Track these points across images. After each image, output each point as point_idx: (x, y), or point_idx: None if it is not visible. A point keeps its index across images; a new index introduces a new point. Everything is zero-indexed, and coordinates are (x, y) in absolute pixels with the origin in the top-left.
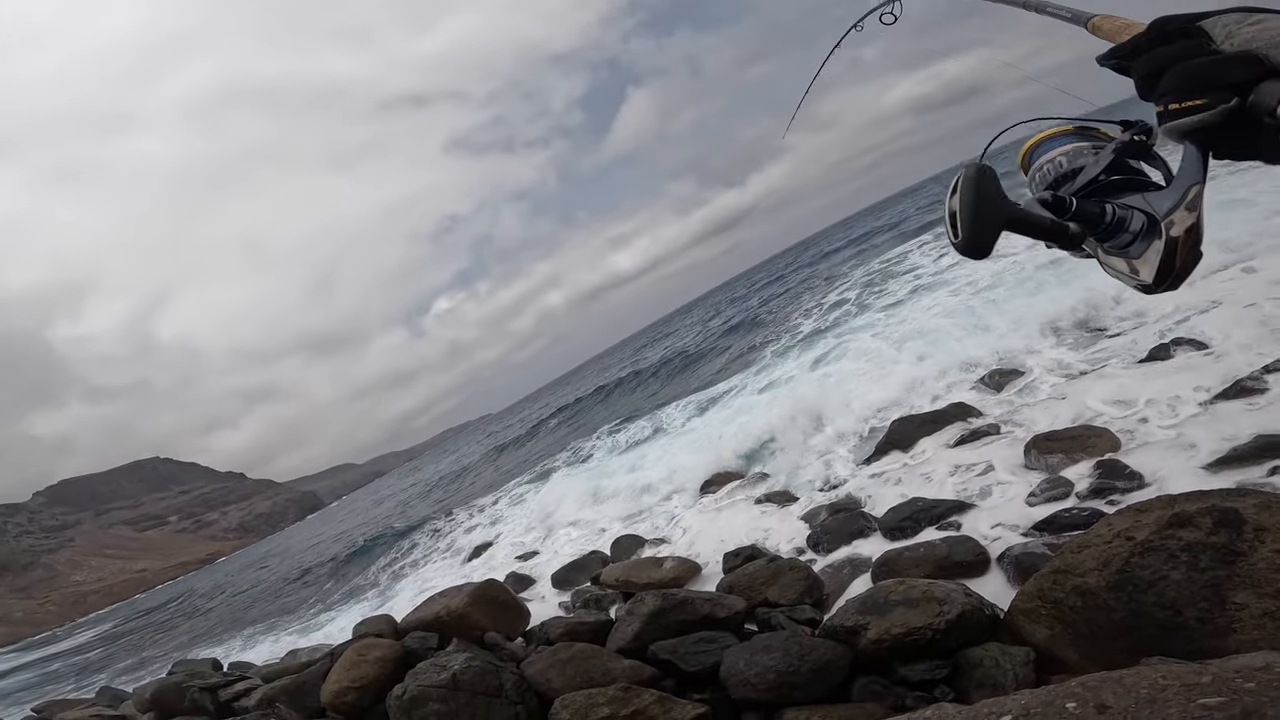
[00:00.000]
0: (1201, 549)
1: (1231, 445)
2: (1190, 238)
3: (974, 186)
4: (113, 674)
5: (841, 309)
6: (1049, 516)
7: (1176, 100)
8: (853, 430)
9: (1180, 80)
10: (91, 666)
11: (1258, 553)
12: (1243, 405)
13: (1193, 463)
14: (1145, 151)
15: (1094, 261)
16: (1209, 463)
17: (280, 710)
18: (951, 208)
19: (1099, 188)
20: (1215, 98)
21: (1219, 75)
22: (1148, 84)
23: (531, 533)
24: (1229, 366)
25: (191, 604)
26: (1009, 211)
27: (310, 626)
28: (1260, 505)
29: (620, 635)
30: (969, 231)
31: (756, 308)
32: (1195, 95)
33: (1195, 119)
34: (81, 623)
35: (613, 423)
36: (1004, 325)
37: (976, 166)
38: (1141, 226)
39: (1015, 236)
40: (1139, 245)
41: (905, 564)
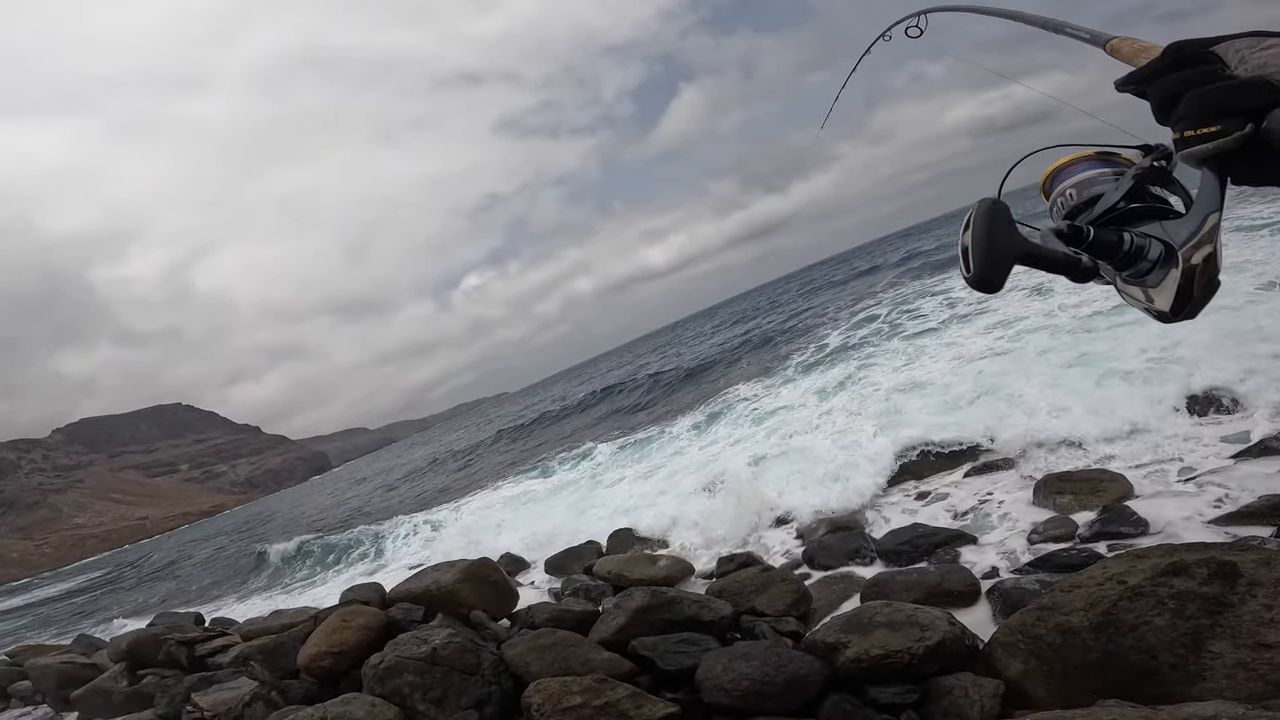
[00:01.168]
0: (1191, 598)
1: (1245, 503)
2: (1208, 266)
3: (986, 222)
4: (97, 621)
5: (871, 328)
6: (1047, 554)
7: (1192, 126)
8: (865, 454)
9: (1195, 106)
10: (80, 612)
11: (1246, 605)
12: (1264, 465)
13: (1202, 516)
14: (1165, 177)
15: (1136, 315)
16: (1219, 517)
17: (254, 668)
18: (964, 243)
19: (1117, 215)
20: (1230, 124)
21: (1232, 101)
22: (1164, 109)
23: (532, 516)
24: (1254, 426)
25: (180, 559)
26: (1021, 246)
27: (300, 588)
28: (1260, 561)
29: (604, 627)
30: (980, 267)
31: (781, 321)
32: (1210, 121)
33: (1211, 145)
34: (72, 568)
35: (623, 424)
36: (1035, 365)
37: (989, 201)
38: (1159, 255)
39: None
40: (1156, 274)
41: (896, 587)
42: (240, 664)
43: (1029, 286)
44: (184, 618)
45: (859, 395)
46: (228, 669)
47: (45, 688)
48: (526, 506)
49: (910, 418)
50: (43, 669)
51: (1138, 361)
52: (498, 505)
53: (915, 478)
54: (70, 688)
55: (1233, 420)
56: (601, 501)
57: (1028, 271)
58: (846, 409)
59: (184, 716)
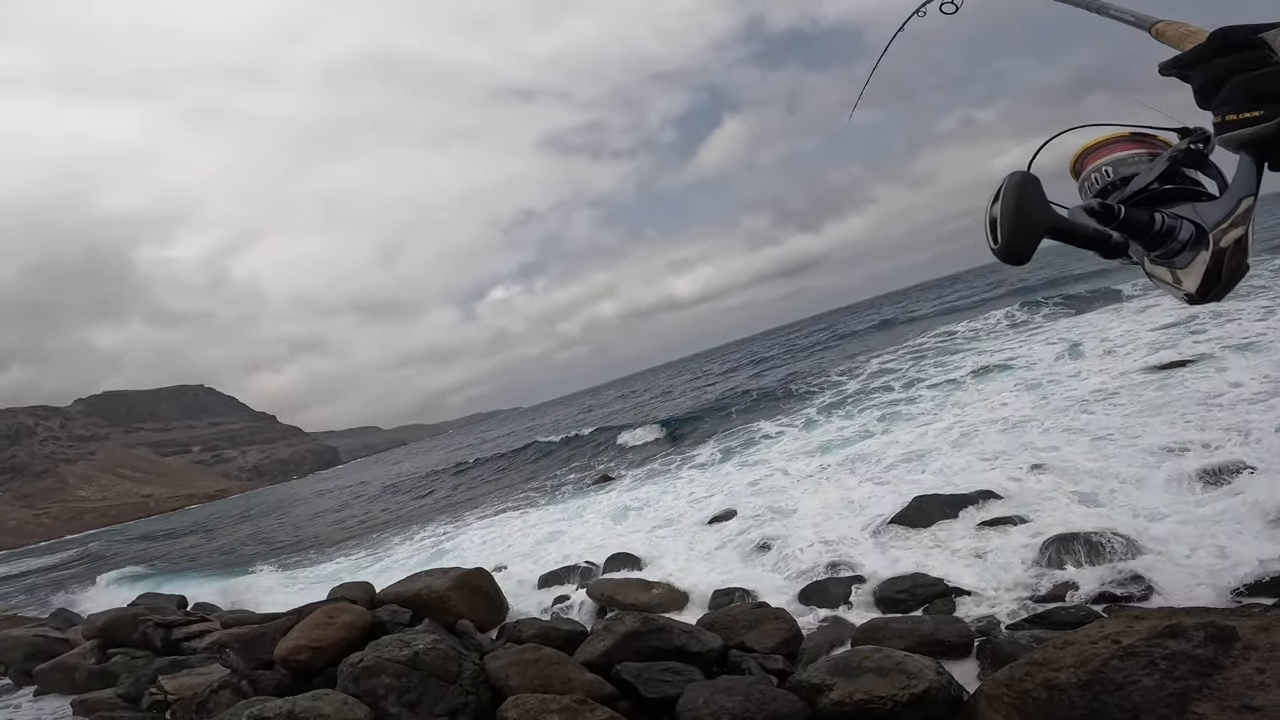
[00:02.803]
0: (1183, 659)
1: (1254, 573)
2: (1238, 250)
3: (1016, 193)
4: (77, 596)
5: (890, 376)
6: (1046, 611)
7: (1234, 111)
8: (874, 497)
9: (1239, 91)
10: (68, 581)
11: (1238, 668)
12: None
13: (1209, 583)
14: (1201, 160)
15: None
16: (1226, 585)
17: (229, 656)
18: (993, 214)
19: (1150, 196)
20: (1272, 110)
21: (1277, 88)
22: (1206, 93)
23: (537, 530)
24: (1270, 497)
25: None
26: (1050, 219)
27: (296, 579)
28: (1260, 626)
29: (590, 648)
30: (1009, 237)
31: (798, 364)
32: (1253, 107)
33: (1252, 130)
34: (67, 540)
35: (638, 450)
36: (1055, 426)
37: (1020, 174)
38: (1190, 236)
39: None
40: (1185, 255)
41: (888, 634)
42: (215, 651)
43: (1061, 343)
44: (167, 599)
45: (870, 442)
46: (201, 655)
47: (11, 659)
48: (530, 526)
49: (922, 467)
50: (13, 640)
51: (1158, 427)
52: (497, 522)
53: (920, 526)
54: (37, 660)
55: (1248, 490)
56: (600, 526)
57: (1069, 327)
58: (857, 455)
59: (145, 698)
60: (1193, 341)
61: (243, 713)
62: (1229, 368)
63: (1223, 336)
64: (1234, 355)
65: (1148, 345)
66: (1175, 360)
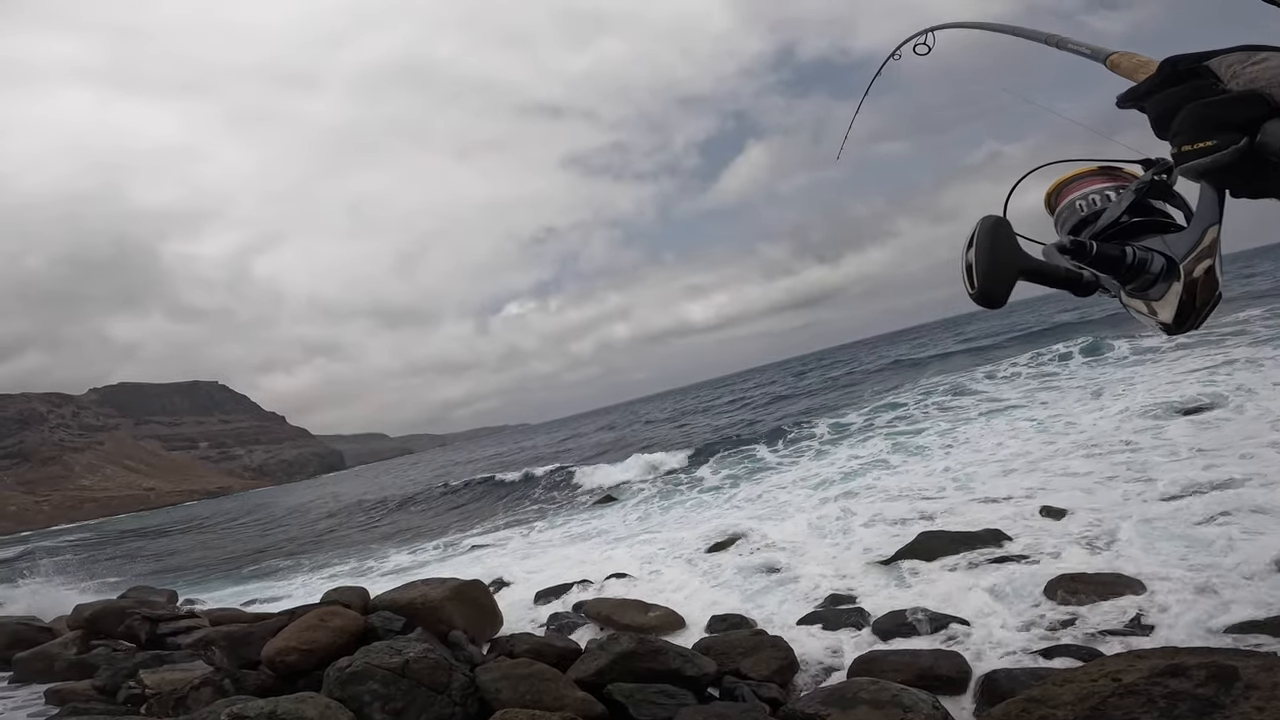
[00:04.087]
0: (1183, 698)
1: (1259, 614)
2: (1209, 279)
3: (990, 238)
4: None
5: (900, 413)
6: (1047, 648)
7: (1189, 141)
8: (878, 530)
9: (1190, 121)
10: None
11: (1238, 707)
12: None
13: (1212, 623)
14: (1167, 191)
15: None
16: (1232, 625)
17: (214, 654)
18: (968, 260)
19: (1120, 229)
20: (1225, 138)
21: (1226, 115)
22: (1161, 124)
23: (536, 548)
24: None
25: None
26: (1023, 262)
27: (286, 582)
28: (1263, 666)
29: (583, 666)
30: (984, 282)
31: (816, 391)
32: (1205, 136)
33: (1208, 160)
34: (61, 529)
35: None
36: (1067, 467)
37: (993, 218)
38: (1161, 268)
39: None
40: (1159, 287)
41: (886, 666)
42: (201, 648)
43: (1074, 385)
44: (158, 593)
45: (877, 476)
46: (186, 651)
47: None
48: (530, 543)
49: (929, 503)
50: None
51: (1169, 469)
52: (497, 538)
53: (926, 560)
54: (18, 648)
55: (1254, 533)
56: (600, 546)
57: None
58: (863, 488)
59: (122, 691)
60: (1211, 386)
61: (221, 711)
62: (1245, 413)
63: (1243, 382)
64: (1250, 400)
65: (1165, 388)
66: (1193, 405)
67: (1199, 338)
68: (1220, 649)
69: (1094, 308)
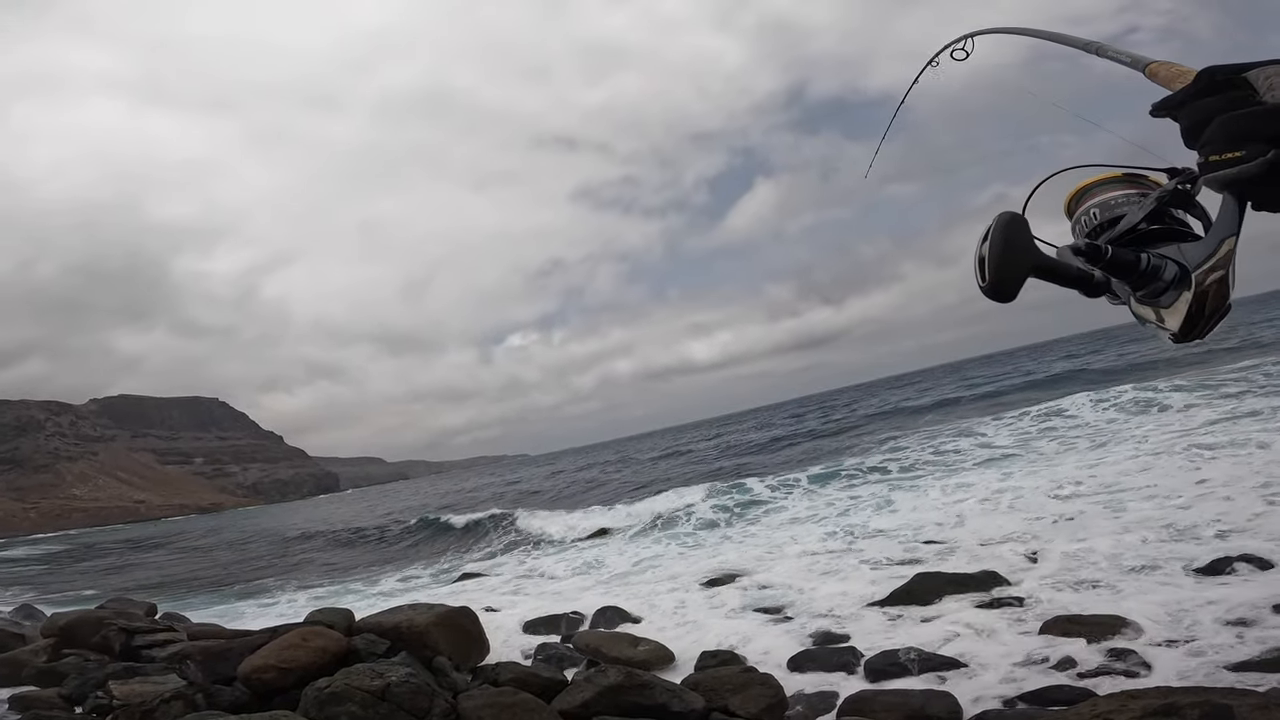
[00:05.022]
0: None
1: (1253, 653)
2: (1220, 290)
3: (1004, 234)
4: (41, 594)
5: (898, 455)
6: (1041, 689)
7: (1217, 151)
8: (873, 571)
9: (1222, 131)
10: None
11: None
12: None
13: (1208, 663)
14: (1188, 201)
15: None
16: (1227, 664)
17: (189, 668)
18: (981, 253)
19: (1137, 236)
20: (1253, 150)
21: (1257, 128)
22: (1193, 133)
23: (526, 576)
24: (1274, 581)
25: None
26: (1036, 259)
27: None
28: (1257, 705)
29: (569, 698)
30: (995, 276)
31: (818, 432)
32: (1235, 147)
33: (1234, 171)
34: (39, 538)
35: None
36: (1065, 510)
37: (1009, 214)
38: (1174, 276)
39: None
40: (1169, 295)
41: (877, 707)
42: (176, 662)
43: (1074, 431)
44: (136, 605)
45: (873, 516)
46: (160, 664)
47: None
48: (522, 574)
49: (924, 545)
50: None
51: (1167, 512)
52: (487, 567)
53: (920, 601)
54: None
55: (1250, 576)
56: (592, 578)
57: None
58: (859, 528)
59: (90, 701)
60: (1211, 436)
61: None
62: (1252, 461)
63: (1247, 431)
64: (1259, 450)
65: (1168, 437)
66: (1192, 452)
67: (1210, 393)
68: (1214, 688)
69: (1095, 355)
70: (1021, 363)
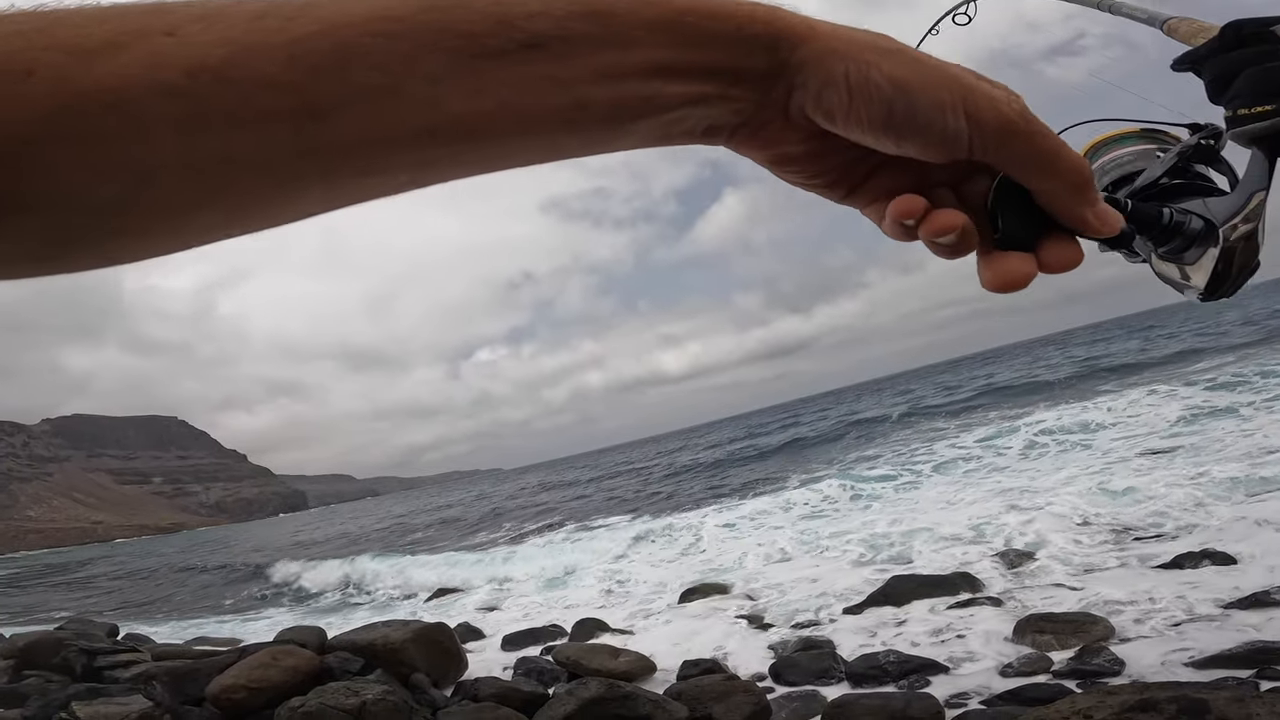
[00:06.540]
0: None
1: (1227, 647)
2: (1249, 246)
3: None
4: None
5: (870, 459)
6: (1018, 688)
7: (1246, 105)
8: (850, 575)
9: (1250, 85)
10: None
11: None
12: (1255, 615)
13: (1182, 658)
14: (1212, 156)
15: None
16: (1199, 660)
17: (155, 690)
18: (990, 206)
19: (1158, 191)
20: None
21: None
22: (1218, 88)
23: (499, 588)
24: (1250, 580)
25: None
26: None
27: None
28: (1232, 699)
29: (551, 712)
30: (1009, 226)
31: (791, 438)
32: (1265, 101)
33: (1265, 125)
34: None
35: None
36: (1037, 509)
37: None
38: (1198, 232)
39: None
40: (1194, 251)
41: (858, 710)
42: (141, 682)
43: (1043, 433)
44: (97, 626)
45: (847, 519)
46: (124, 685)
47: None
48: (499, 584)
49: (900, 547)
50: None
51: (1137, 511)
52: (460, 578)
53: (896, 605)
54: None
55: (1225, 573)
56: (570, 590)
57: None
58: (836, 532)
59: None
60: (1177, 437)
61: None
62: (1228, 452)
63: (1218, 430)
64: (1236, 438)
65: (1139, 438)
66: (1161, 448)
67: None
68: (1190, 683)
69: (1071, 366)
70: (984, 367)
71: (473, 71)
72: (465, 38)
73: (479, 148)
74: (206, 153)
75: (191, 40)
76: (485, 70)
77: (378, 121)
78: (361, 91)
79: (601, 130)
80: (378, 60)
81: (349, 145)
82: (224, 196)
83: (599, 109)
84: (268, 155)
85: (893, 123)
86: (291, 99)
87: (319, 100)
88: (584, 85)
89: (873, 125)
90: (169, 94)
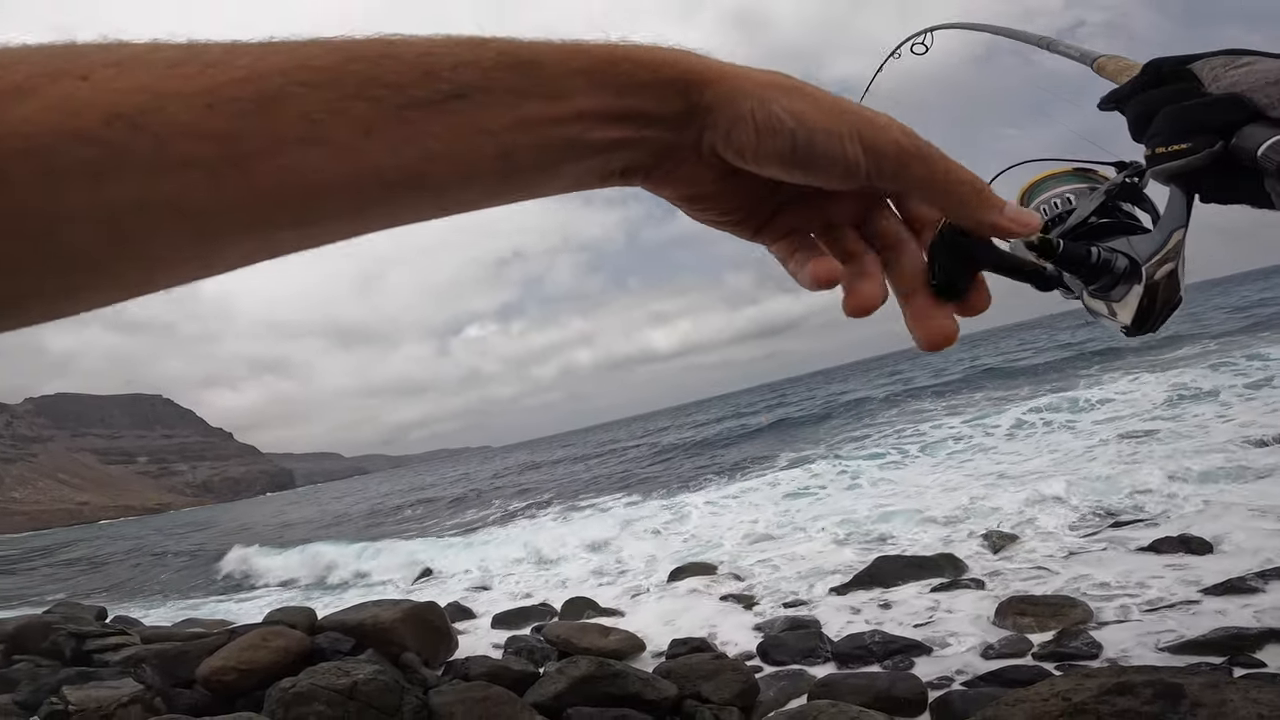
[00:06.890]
0: (1131, 715)
1: (1202, 632)
2: (1170, 282)
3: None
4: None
5: (859, 439)
6: (999, 670)
7: (1163, 143)
8: (835, 556)
9: (1167, 123)
10: None
11: None
12: (1229, 602)
13: (1158, 643)
14: (1137, 194)
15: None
16: (1174, 644)
17: (145, 673)
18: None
19: (1087, 230)
20: (1200, 141)
21: (1204, 119)
22: (1139, 126)
23: (489, 568)
24: (1228, 565)
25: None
26: (990, 254)
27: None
28: (1207, 684)
29: (541, 690)
30: (942, 275)
31: (780, 417)
32: (1181, 139)
33: (1181, 163)
34: None
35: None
36: (1020, 492)
37: None
38: (1124, 270)
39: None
40: (1120, 289)
41: (845, 689)
42: (131, 665)
43: (1028, 413)
44: (85, 609)
45: (833, 500)
46: (114, 668)
47: None
48: (485, 562)
49: (884, 528)
50: None
51: (1115, 495)
52: (448, 558)
53: (882, 586)
54: None
55: (1202, 559)
56: (560, 568)
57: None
58: (821, 513)
59: (45, 707)
60: (1156, 421)
61: None
62: (1209, 437)
63: (1201, 415)
64: (1216, 424)
65: (1125, 414)
66: (1142, 430)
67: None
68: (1165, 667)
69: (1056, 350)
70: (971, 350)
71: (400, 121)
72: (391, 88)
73: (411, 195)
74: (122, 202)
75: (106, 86)
76: (412, 120)
77: (303, 171)
78: (285, 141)
79: (531, 175)
80: (302, 109)
81: (274, 195)
82: (142, 247)
83: (525, 156)
84: (186, 204)
85: (796, 154)
86: (210, 147)
87: (240, 149)
88: (510, 134)
89: (780, 158)
90: (83, 141)
